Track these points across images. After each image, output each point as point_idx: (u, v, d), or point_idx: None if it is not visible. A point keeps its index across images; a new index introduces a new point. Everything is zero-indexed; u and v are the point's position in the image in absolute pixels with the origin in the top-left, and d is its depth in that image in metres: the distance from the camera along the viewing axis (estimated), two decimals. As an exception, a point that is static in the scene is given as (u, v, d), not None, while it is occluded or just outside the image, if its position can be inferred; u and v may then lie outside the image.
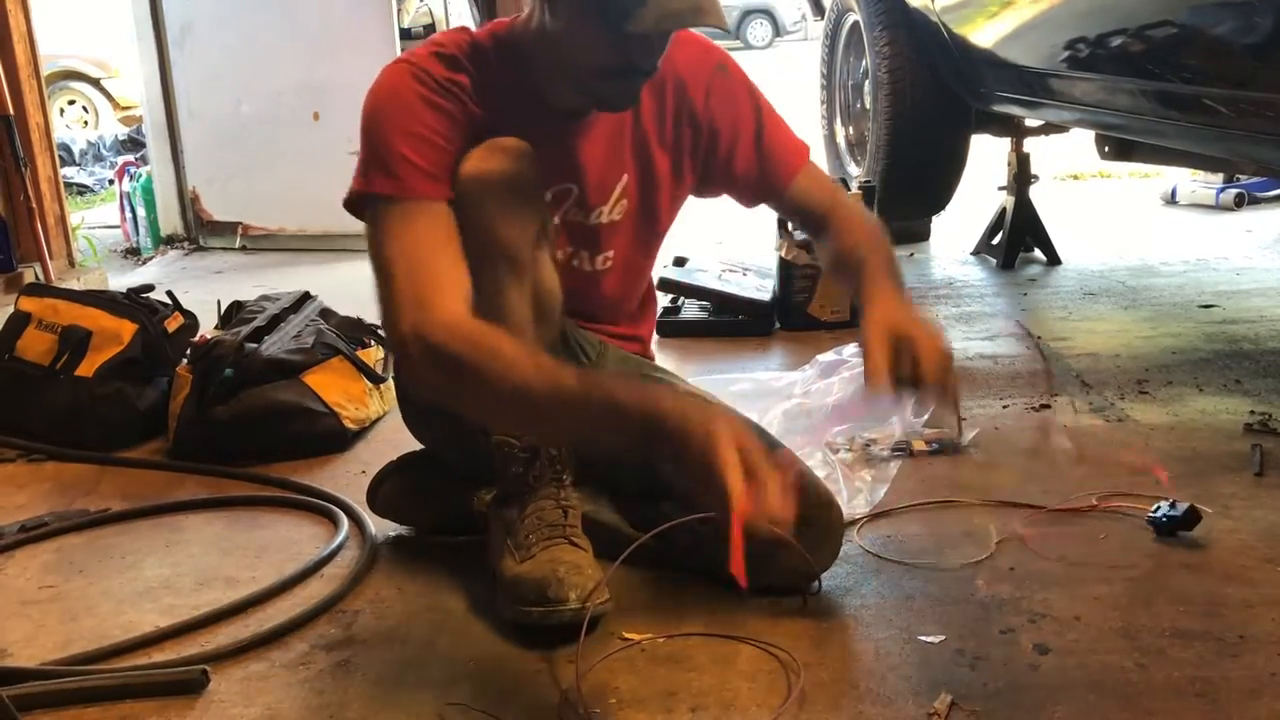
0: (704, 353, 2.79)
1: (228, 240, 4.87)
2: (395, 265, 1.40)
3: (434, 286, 1.37)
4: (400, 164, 1.43)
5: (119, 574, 1.77)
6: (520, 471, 1.54)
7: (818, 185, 1.71)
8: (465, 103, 1.48)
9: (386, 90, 1.48)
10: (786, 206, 1.74)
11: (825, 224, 1.68)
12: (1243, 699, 1.28)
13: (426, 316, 1.35)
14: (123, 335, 2.43)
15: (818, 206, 1.69)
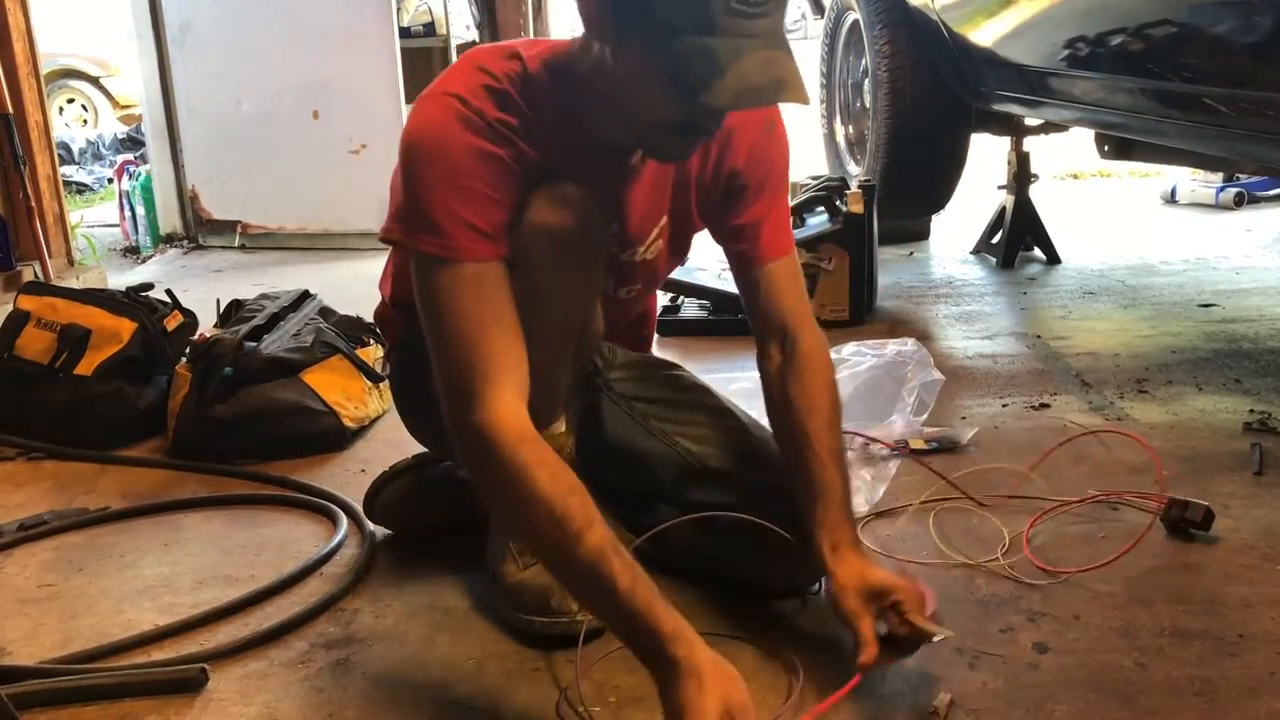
0: (704, 351, 2.79)
1: (227, 239, 4.86)
2: (446, 344, 1.31)
3: (486, 376, 1.28)
4: (450, 223, 1.30)
5: (118, 572, 1.77)
6: None
7: (789, 285, 1.55)
8: (518, 146, 1.33)
9: (434, 137, 1.31)
10: (750, 283, 1.55)
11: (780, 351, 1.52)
12: (1242, 698, 1.28)
13: (472, 413, 1.27)
14: (122, 334, 2.43)
15: (778, 310, 1.53)
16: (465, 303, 1.30)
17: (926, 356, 2.28)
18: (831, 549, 1.38)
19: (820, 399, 1.49)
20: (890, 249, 4.06)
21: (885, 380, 2.25)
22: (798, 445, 1.46)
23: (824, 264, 3.05)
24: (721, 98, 1.19)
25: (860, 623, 1.31)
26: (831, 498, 1.41)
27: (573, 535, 1.21)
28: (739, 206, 1.53)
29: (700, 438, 1.63)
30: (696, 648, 1.19)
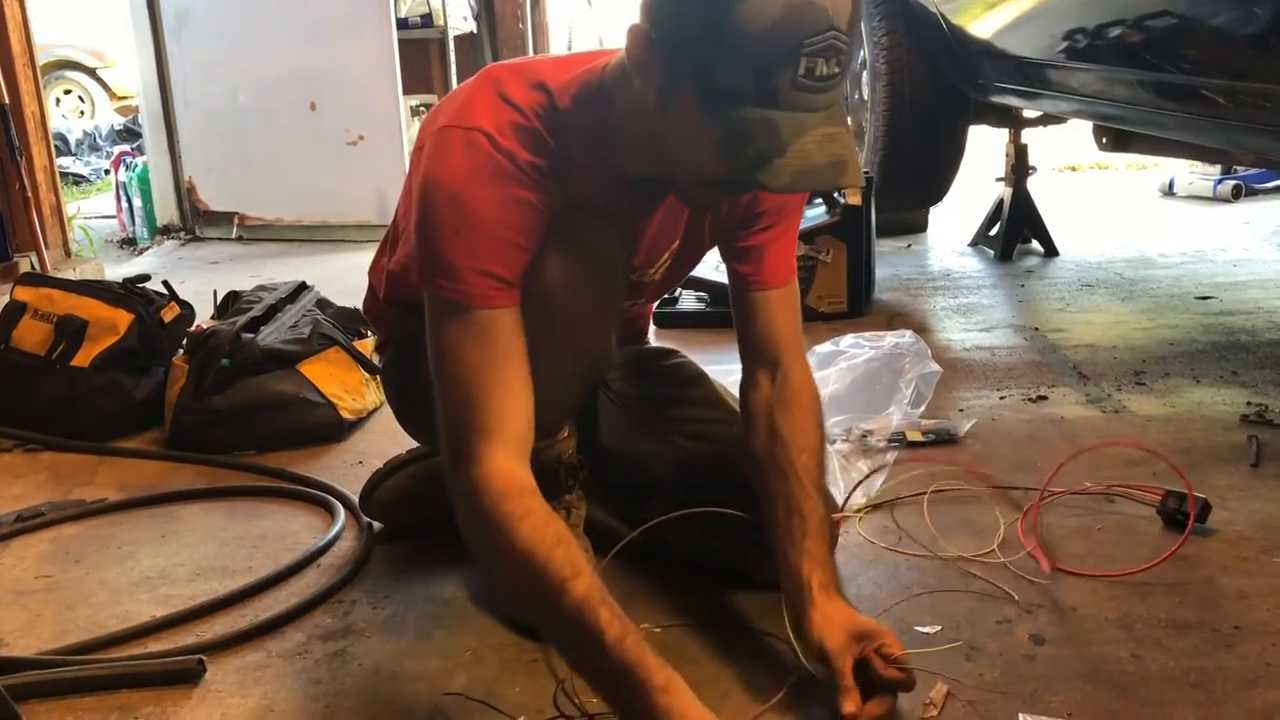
0: (701, 343, 2.78)
1: (224, 230, 4.86)
2: (452, 389, 1.27)
3: (484, 430, 1.24)
4: (469, 272, 1.25)
5: (115, 564, 1.77)
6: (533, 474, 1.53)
7: (786, 315, 1.51)
8: (547, 189, 1.28)
9: (460, 182, 1.24)
10: (746, 307, 1.51)
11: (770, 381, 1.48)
12: (1238, 689, 1.28)
13: (468, 468, 1.23)
14: (119, 325, 2.43)
15: (771, 340, 1.50)
16: (473, 352, 1.26)
17: (924, 349, 2.28)
18: (821, 586, 1.32)
19: (813, 437, 1.46)
20: (888, 241, 4.06)
21: (883, 372, 2.25)
22: (783, 477, 1.41)
23: (822, 256, 3.05)
24: (780, 179, 1.13)
25: (844, 663, 1.25)
26: (821, 535, 1.37)
27: (556, 587, 1.15)
28: (751, 230, 1.50)
29: (697, 434, 1.63)
30: (689, 703, 1.12)
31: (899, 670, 1.24)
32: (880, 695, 1.24)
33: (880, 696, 1.24)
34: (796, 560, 1.35)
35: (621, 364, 1.72)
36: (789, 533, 1.37)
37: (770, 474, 1.43)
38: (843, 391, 2.22)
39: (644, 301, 1.67)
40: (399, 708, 1.32)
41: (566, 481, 1.55)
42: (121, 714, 1.34)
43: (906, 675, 1.24)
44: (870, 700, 1.22)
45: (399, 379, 1.72)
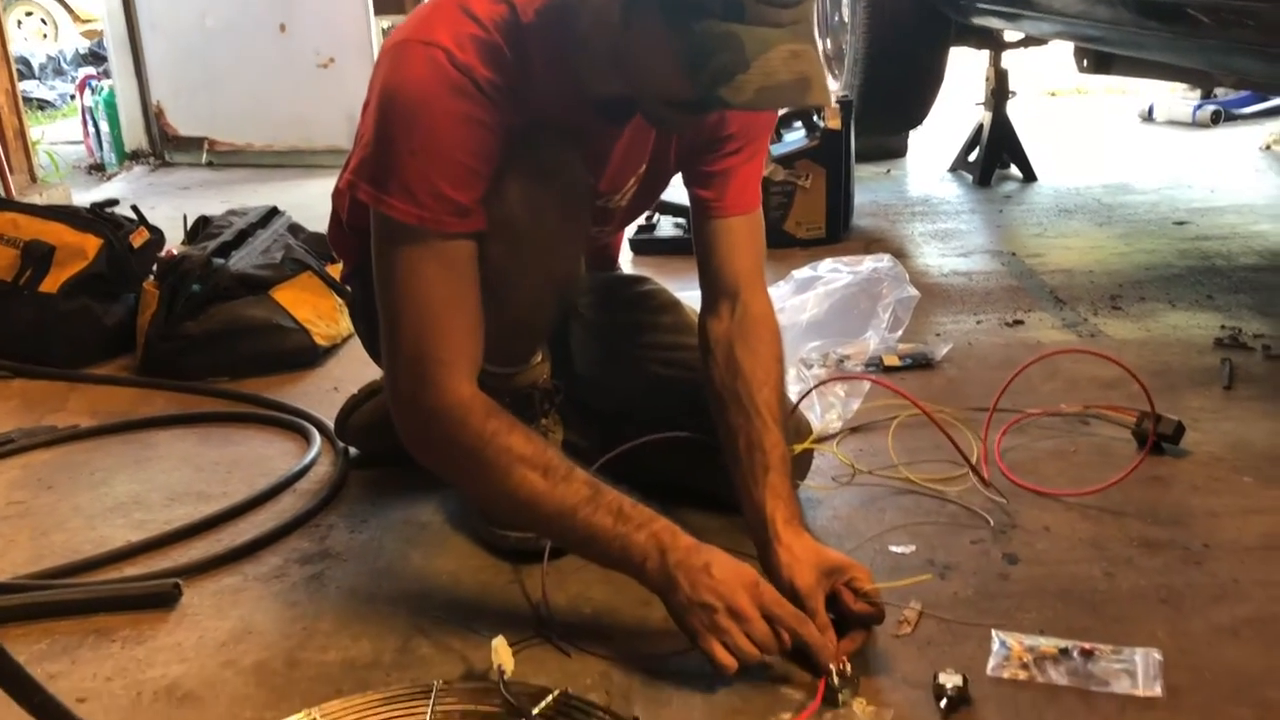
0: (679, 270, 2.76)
1: (194, 156, 4.77)
2: (402, 320, 1.25)
3: (440, 360, 1.24)
4: (425, 192, 1.21)
5: (89, 490, 1.76)
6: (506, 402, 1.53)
7: (748, 244, 1.48)
8: (505, 110, 1.24)
9: (416, 98, 1.20)
10: (707, 235, 1.48)
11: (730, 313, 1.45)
12: (1205, 604, 1.30)
13: (430, 397, 1.24)
14: (87, 250, 2.39)
15: (732, 269, 1.46)
16: (427, 281, 1.24)
17: (902, 273, 2.27)
18: (785, 521, 1.31)
19: (773, 370, 1.43)
20: (867, 167, 4.03)
21: (860, 297, 2.24)
22: (744, 412, 1.39)
23: (800, 181, 3.02)
24: (743, 94, 1.10)
25: (815, 600, 1.23)
26: (783, 470, 1.36)
27: (564, 476, 1.23)
28: (716, 154, 1.47)
29: (669, 360, 1.62)
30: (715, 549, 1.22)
31: (869, 604, 1.24)
32: (852, 631, 1.23)
33: (852, 633, 1.23)
34: (759, 496, 1.34)
35: (592, 291, 1.71)
36: (750, 468, 1.36)
37: (730, 408, 1.41)
38: (820, 317, 2.22)
39: (612, 229, 1.64)
40: (378, 629, 1.33)
41: (541, 406, 1.54)
42: (98, 637, 1.34)
43: (877, 609, 1.24)
44: (843, 638, 1.22)
45: (367, 308, 1.70)
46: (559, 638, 1.28)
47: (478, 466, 1.25)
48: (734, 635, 1.16)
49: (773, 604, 1.18)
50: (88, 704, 1.20)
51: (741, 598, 1.17)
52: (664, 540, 1.21)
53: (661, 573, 1.20)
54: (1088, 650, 1.20)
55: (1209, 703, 1.13)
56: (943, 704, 1.12)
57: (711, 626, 1.16)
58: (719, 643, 1.16)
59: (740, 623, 1.16)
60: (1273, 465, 1.66)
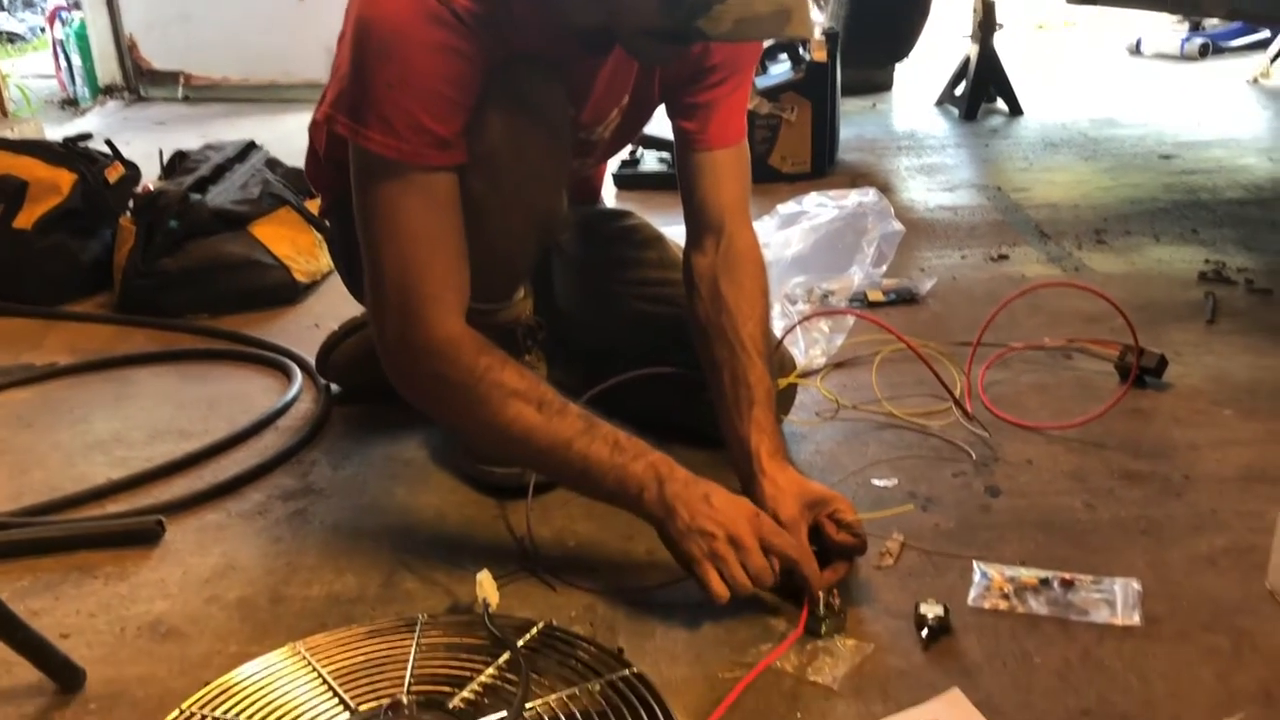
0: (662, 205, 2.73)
1: (169, 90, 4.69)
2: (386, 256, 1.22)
3: (427, 296, 1.22)
4: (405, 124, 1.18)
5: (68, 428, 1.75)
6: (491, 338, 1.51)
7: (732, 177, 1.45)
8: (485, 40, 1.20)
9: (395, 28, 1.17)
10: (691, 168, 1.45)
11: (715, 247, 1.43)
12: (1184, 535, 1.32)
13: (418, 334, 1.22)
14: (61, 185, 2.35)
15: (717, 202, 1.44)
16: (409, 216, 1.21)
17: (887, 208, 2.25)
18: (770, 455, 1.30)
19: (758, 305, 1.42)
20: (853, 100, 4.00)
21: (845, 232, 2.23)
22: (729, 346, 1.38)
23: (786, 114, 2.99)
24: (721, 26, 1.08)
25: (798, 532, 1.24)
26: (768, 404, 1.35)
27: (558, 410, 1.21)
28: (699, 86, 1.44)
29: (653, 296, 1.60)
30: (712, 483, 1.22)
31: (851, 535, 1.24)
32: (835, 562, 1.24)
33: (835, 564, 1.23)
34: (744, 430, 1.33)
35: (575, 226, 1.69)
36: (735, 402, 1.36)
37: (715, 342, 1.40)
38: (805, 252, 2.21)
39: (594, 162, 1.62)
40: (362, 564, 1.33)
41: (525, 342, 1.53)
42: (81, 574, 1.33)
43: (859, 540, 1.24)
44: (826, 568, 1.22)
45: (346, 244, 1.68)
46: (544, 571, 1.29)
47: (470, 403, 1.23)
48: (730, 564, 1.16)
49: (771, 534, 1.18)
50: (71, 640, 1.20)
51: (742, 527, 1.17)
52: (661, 471, 1.21)
53: (659, 502, 1.19)
54: (1068, 580, 1.21)
55: (1185, 630, 1.14)
56: (924, 634, 1.13)
57: (709, 554, 1.16)
58: (715, 570, 1.16)
59: (739, 552, 1.16)
60: (1253, 398, 1.67)
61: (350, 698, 1.04)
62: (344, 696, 1.04)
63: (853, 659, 1.11)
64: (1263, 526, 1.30)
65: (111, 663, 1.16)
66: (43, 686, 1.12)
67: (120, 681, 1.13)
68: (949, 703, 1.04)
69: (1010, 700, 1.04)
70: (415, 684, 1.05)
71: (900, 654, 1.12)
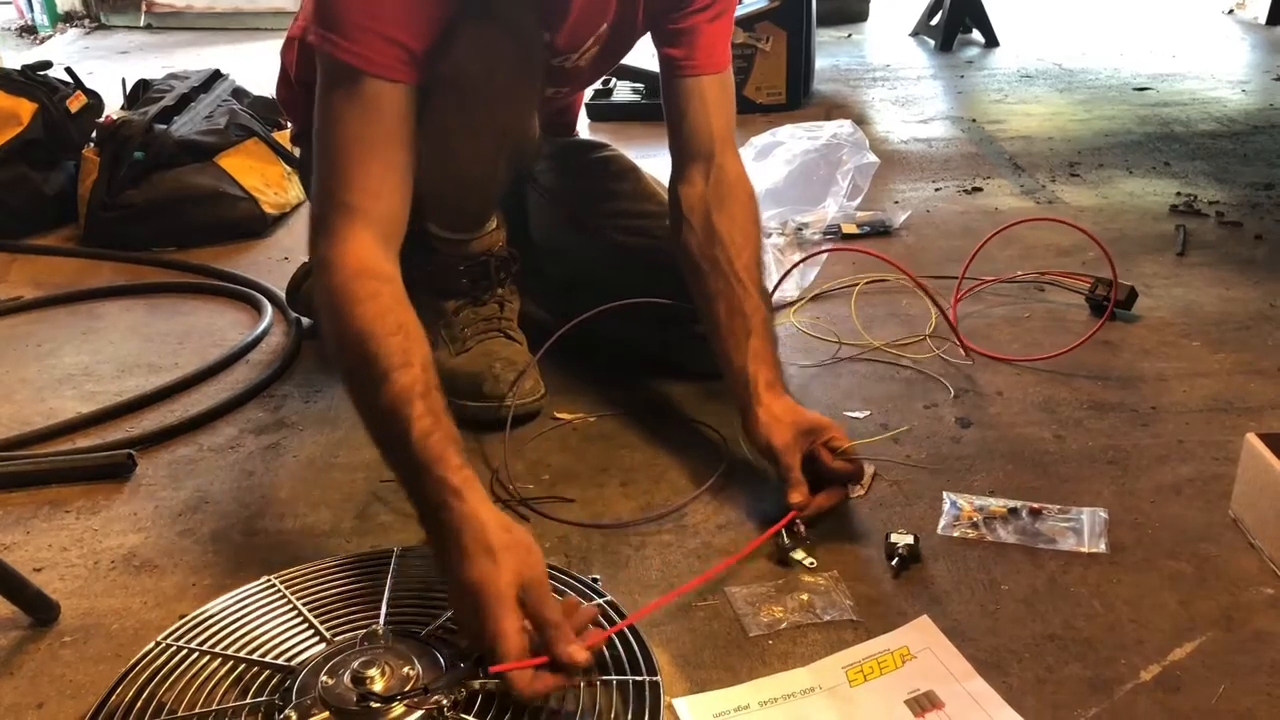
0: (636, 136, 2.72)
1: (131, 18, 4.58)
2: (325, 158, 1.16)
3: (345, 204, 1.13)
4: (364, 28, 1.14)
5: (36, 361, 1.73)
6: (465, 284, 1.50)
7: (719, 105, 1.43)
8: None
9: None
10: (677, 96, 1.42)
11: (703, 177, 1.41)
12: (1151, 464, 1.33)
13: (324, 245, 1.12)
14: (21, 115, 2.30)
15: (705, 130, 1.41)
16: (352, 123, 1.15)
17: (862, 140, 2.24)
18: (767, 385, 1.30)
19: (751, 234, 1.40)
20: (828, 31, 3.96)
21: (820, 164, 2.22)
22: (724, 278, 1.37)
23: (760, 44, 2.95)
24: None
25: (792, 457, 1.24)
26: (765, 334, 1.34)
27: (379, 374, 1.04)
28: (683, 12, 1.41)
29: (628, 228, 1.59)
30: (484, 506, 0.99)
31: (846, 461, 1.24)
32: (829, 488, 1.24)
33: (829, 489, 1.24)
34: (741, 360, 1.32)
35: (549, 157, 1.67)
36: (732, 333, 1.35)
37: (709, 274, 1.39)
38: (779, 184, 2.20)
39: (569, 92, 1.60)
40: (336, 498, 1.33)
41: (498, 274, 1.52)
42: (53, 508, 1.33)
43: (855, 466, 1.25)
44: (819, 493, 1.23)
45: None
46: (519, 504, 1.29)
47: (327, 325, 1.11)
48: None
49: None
50: (44, 573, 1.20)
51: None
52: (470, 492, 1.01)
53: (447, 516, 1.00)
54: (1036, 510, 1.23)
55: (1150, 558, 1.16)
56: (894, 562, 1.15)
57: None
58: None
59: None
60: (1220, 330, 1.68)
61: (326, 629, 1.05)
62: (319, 627, 1.05)
63: (823, 586, 1.13)
64: (1227, 456, 1.32)
65: (85, 595, 1.16)
66: (16, 620, 1.12)
67: (94, 614, 1.13)
68: (918, 629, 1.06)
69: (978, 627, 1.06)
70: (391, 615, 1.06)
71: (870, 582, 1.14)
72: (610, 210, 1.62)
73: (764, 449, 1.27)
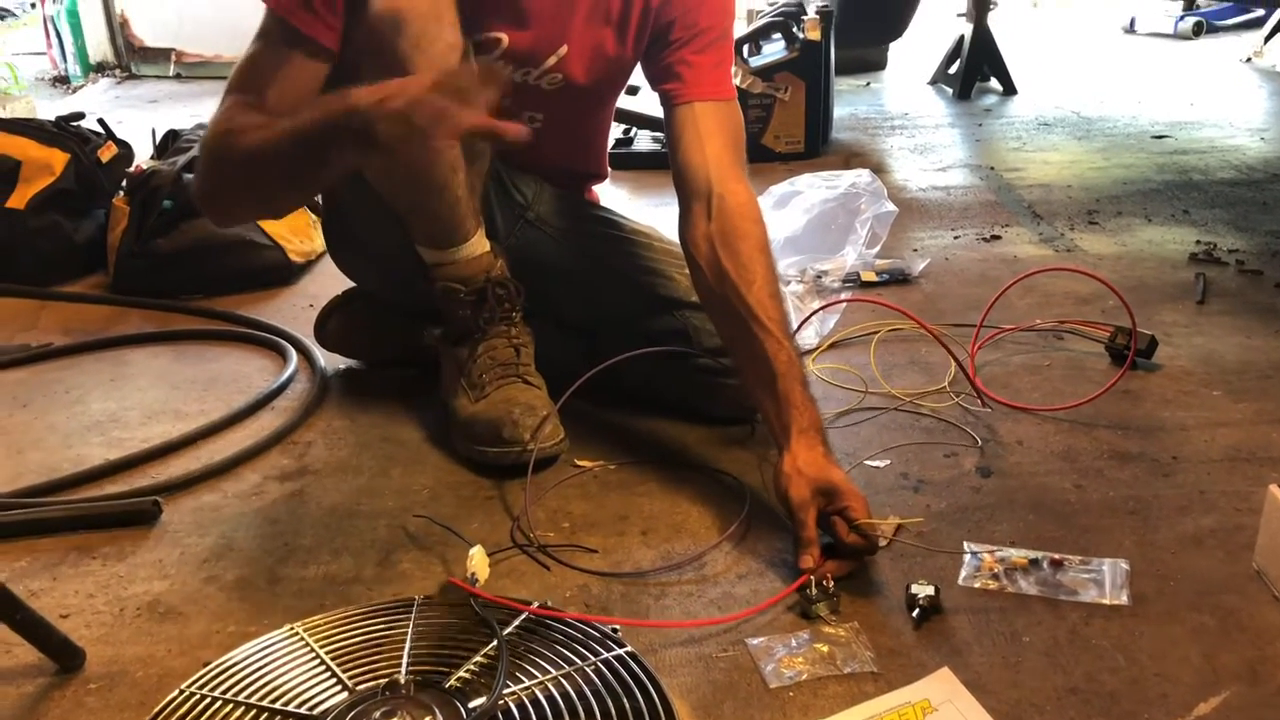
0: (655, 185, 2.74)
1: (161, 68, 4.67)
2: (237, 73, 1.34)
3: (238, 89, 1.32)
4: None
5: (65, 408, 1.75)
6: (468, 314, 1.51)
7: (716, 132, 1.42)
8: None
9: None
10: (672, 128, 1.45)
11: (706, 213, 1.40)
12: (1172, 515, 1.33)
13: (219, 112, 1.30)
14: (54, 165, 2.35)
15: (701, 160, 1.41)
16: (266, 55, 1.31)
17: (880, 188, 2.26)
18: (800, 431, 1.27)
19: (757, 266, 1.36)
20: (847, 79, 3.99)
21: (839, 212, 2.24)
22: (741, 320, 1.34)
23: (780, 94, 2.99)
24: None
25: (806, 514, 1.22)
26: (793, 374, 1.31)
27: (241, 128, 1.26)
28: (668, 50, 1.45)
29: (649, 269, 1.61)
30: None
31: (861, 536, 1.22)
32: (843, 557, 1.22)
33: (842, 559, 1.22)
34: (772, 407, 1.31)
35: (551, 199, 1.65)
36: (758, 380, 1.33)
37: (725, 319, 1.38)
38: (798, 232, 2.21)
39: (544, 119, 1.54)
40: (358, 545, 1.34)
41: (502, 305, 1.52)
42: (79, 554, 1.34)
43: (869, 542, 1.22)
44: (831, 560, 1.21)
45: (334, 222, 1.70)
46: (539, 551, 1.30)
47: (209, 138, 1.31)
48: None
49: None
50: (70, 620, 1.21)
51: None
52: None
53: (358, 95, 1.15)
54: (1057, 561, 1.23)
55: (1172, 610, 1.15)
56: (915, 614, 1.15)
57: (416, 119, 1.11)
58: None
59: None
60: (1241, 379, 1.68)
61: (348, 677, 1.05)
62: (342, 676, 1.05)
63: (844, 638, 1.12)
64: (1250, 507, 1.32)
65: (111, 642, 1.17)
66: (43, 666, 1.13)
67: (120, 661, 1.14)
68: (939, 681, 1.06)
69: (999, 679, 1.06)
70: (412, 664, 1.06)
71: (891, 634, 1.13)
72: (629, 253, 1.63)
73: (781, 499, 1.27)
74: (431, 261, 1.50)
